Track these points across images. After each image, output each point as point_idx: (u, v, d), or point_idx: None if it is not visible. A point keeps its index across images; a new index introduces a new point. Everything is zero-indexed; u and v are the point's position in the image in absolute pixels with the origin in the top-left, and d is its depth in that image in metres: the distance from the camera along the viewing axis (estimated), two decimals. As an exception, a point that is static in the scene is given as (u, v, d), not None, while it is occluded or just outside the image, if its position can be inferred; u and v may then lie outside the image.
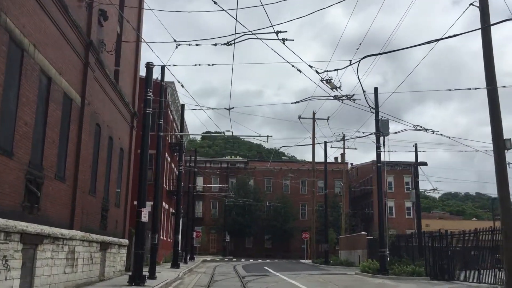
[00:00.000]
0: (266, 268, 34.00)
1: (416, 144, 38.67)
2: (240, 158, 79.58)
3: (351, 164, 77.96)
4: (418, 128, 19.81)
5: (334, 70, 12.85)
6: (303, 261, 50.39)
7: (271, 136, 21.64)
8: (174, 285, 18.32)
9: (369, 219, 68.68)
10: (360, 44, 27.32)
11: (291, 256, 64.59)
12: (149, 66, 17.79)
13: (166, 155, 35.20)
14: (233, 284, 19.03)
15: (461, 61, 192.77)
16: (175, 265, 28.30)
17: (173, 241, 29.89)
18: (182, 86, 18.35)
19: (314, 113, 45.38)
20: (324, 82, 12.71)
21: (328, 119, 45.18)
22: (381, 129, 26.33)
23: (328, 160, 56.83)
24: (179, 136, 33.73)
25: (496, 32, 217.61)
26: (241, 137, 28.25)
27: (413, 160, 76.05)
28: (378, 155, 26.37)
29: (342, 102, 15.68)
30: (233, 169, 71.48)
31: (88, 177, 15.73)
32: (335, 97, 15.10)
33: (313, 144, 45.74)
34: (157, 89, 22.76)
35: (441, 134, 20.20)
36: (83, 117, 14.63)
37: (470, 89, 15.26)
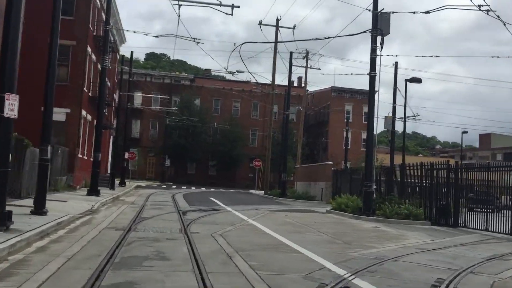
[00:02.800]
0: (212, 199, 27.78)
1: (396, 62, 32.49)
2: (186, 74, 71.22)
3: (307, 90, 71.97)
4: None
5: None
6: (253, 191, 44.82)
7: (238, 7, 14.46)
8: (71, 226, 11.43)
9: (324, 149, 63.87)
10: None
11: (237, 185, 59.14)
12: None
13: (89, 49, 26.98)
14: (167, 226, 12.46)
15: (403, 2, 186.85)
16: (93, 191, 21.34)
17: (93, 160, 22.68)
18: None
19: (278, 19, 38.01)
20: None
21: (294, 28, 38.05)
22: (380, 25, 19.64)
23: (284, 83, 50.33)
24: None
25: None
26: (199, 5, 20.52)
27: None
28: (373, 60, 19.81)
29: None
30: (177, 87, 63.39)
31: None
32: None
33: (275, 53, 38.78)
34: None
35: (487, 11, 13.82)
36: None
37: None
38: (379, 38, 19.60)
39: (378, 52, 19.60)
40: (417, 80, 25.96)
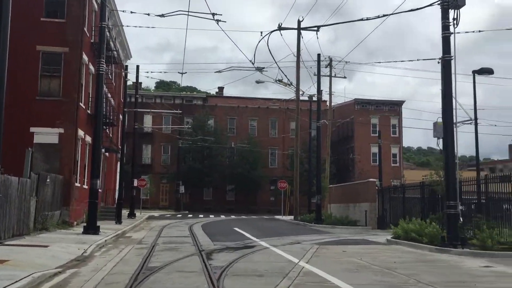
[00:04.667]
0: (237, 230, 23.03)
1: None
2: (197, 93, 67.21)
3: (324, 101, 67.41)
4: None
5: None
6: (280, 217, 39.87)
7: None
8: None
9: (350, 167, 58.86)
10: None
11: (259, 211, 54.24)
12: None
13: (86, 58, 22.72)
14: (188, 286, 7.80)
15: (409, 22, 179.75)
16: (90, 229, 16.74)
17: (89, 188, 18.15)
18: None
19: (299, 21, 33.69)
20: None
21: (317, 30, 33.62)
22: (453, -6, 15.11)
23: (303, 99, 45.67)
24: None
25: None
26: None
27: (395, 99, 65.37)
28: (446, 40, 15.22)
29: None
30: (189, 107, 59.28)
31: None
32: None
33: (298, 53, 34.34)
34: None
35: None
36: None
37: None
38: (451, 12, 15.09)
39: (451, 29, 15.05)
40: (488, 71, 21.07)
